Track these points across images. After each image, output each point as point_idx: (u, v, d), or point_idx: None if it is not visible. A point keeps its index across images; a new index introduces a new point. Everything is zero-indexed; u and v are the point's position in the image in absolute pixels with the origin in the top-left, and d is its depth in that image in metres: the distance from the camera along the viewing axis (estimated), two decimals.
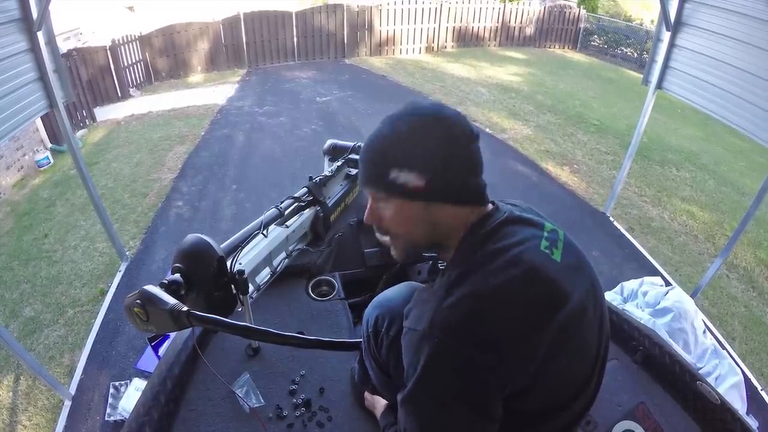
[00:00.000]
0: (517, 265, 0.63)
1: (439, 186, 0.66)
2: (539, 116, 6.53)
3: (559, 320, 0.63)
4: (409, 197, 0.67)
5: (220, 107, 6.95)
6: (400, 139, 0.67)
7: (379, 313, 0.90)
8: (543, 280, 0.63)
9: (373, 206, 0.72)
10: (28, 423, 2.29)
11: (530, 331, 0.61)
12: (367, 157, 0.70)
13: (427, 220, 0.68)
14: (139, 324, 0.83)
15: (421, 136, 0.66)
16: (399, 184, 0.66)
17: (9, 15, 2.14)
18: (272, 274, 1.29)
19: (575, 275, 0.68)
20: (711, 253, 3.65)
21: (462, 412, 0.61)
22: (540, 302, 0.63)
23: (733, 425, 0.99)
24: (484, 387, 0.60)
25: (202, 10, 8.79)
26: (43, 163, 5.33)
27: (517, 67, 9.16)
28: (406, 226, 0.69)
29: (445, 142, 0.66)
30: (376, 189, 0.69)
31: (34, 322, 2.94)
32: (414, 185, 0.65)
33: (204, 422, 1.02)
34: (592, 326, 0.69)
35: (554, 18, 10.90)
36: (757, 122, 2.29)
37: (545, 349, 0.61)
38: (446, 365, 0.60)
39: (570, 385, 0.68)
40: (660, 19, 2.99)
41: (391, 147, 0.67)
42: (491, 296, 0.61)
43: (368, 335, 0.93)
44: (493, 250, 0.65)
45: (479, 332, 0.59)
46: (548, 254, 0.66)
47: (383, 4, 9.66)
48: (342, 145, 1.78)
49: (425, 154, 0.66)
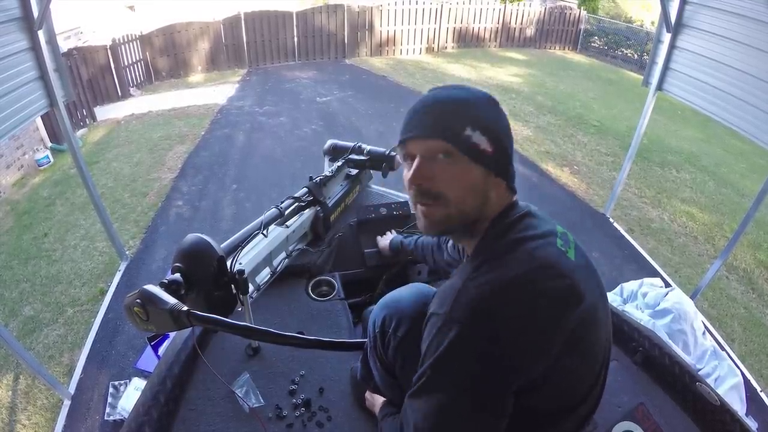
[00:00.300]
0: (538, 258, 0.63)
1: (500, 158, 0.67)
2: (539, 117, 6.54)
3: (575, 318, 0.62)
4: (476, 160, 0.65)
5: (221, 107, 6.95)
6: (477, 102, 0.68)
7: (386, 313, 0.89)
8: (561, 276, 0.63)
9: (425, 164, 0.67)
10: (28, 422, 2.29)
11: (549, 324, 0.61)
12: (442, 108, 0.67)
13: (483, 190, 0.67)
14: (138, 323, 0.83)
15: (489, 106, 0.69)
16: (473, 142, 0.65)
17: (10, 14, 2.14)
18: (272, 274, 1.29)
19: (587, 276, 0.68)
20: (711, 255, 3.65)
21: (474, 400, 0.61)
22: (559, 297, 0.62)
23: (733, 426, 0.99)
24: (500, 376, 0.60)
25: (202, 9, 8.80)
26: (43, 162, 5.34)
27: (517, 68, 9.16)
28: (463, 190, 0.66)
29: (505, 120, 0.70)
30: (447, 141, 0.65)
31: (33, 321, 2.94)
32: (484, 148, 0.65)
33: (204, 422, 1.02)
34: (601, 329, 0.69)
35: (555, 19, 10.91)
36: (757, 124, 2.30)
37: (560, 344, 0.61)
38: (465, 350, 0.60)
39: (578, 386, 0.68)
40: (660, 21, 2.99)
41: (468, 106, 0.67)
42: (513, 285, 0.61)
43: (374, 335, 0.91)
44: (515, 239, 0.65)
45: (500, 320, 0.59)
46: (564, 252, 0.66)
47: (384, 5, 9.67)
48: (342, 145, 1.78)
49: (496, 123, 0.68)
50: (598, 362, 0.70)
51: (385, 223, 1.67)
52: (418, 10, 9.89)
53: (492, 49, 10.76)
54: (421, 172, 0.67)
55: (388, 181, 1.83)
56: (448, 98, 0.68)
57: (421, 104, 0.70)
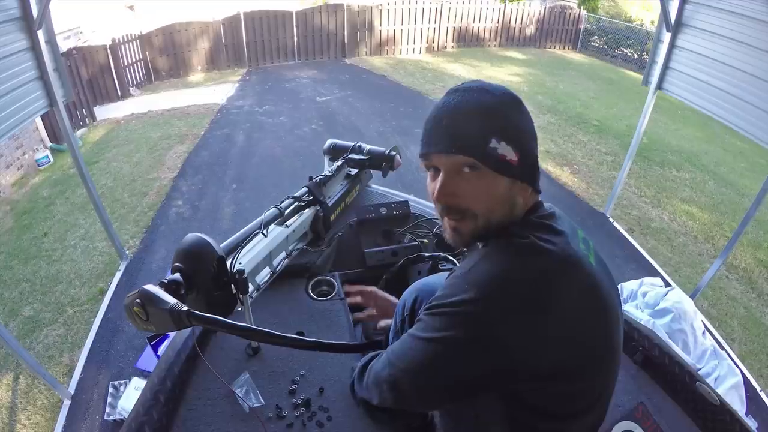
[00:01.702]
0: (564, 254, 0.61)
1: (526, 163, 0.65)
2: (539, 117, 6.54)
3: (592, 317, 0.62)
4: (501, 171, 0.63)
5: (221, 106, 6.95)
6: (500, 107, 0.64)
7: (417, 295, 0.90)
8: (585, 274, 0.62)
9: (450, 181, 0.64)
10: (27, 422, 2.29)
11: (564, 320, 0.59)
12: (465, 119, 0.63)
13: (510, 198, 0.65)
14: (138, 323, 0.83)
15: (512, 110, 0.65)
16: (498, 154, 0.62)
17: (9, 14, 2.14)
18: (272, 274, 1.29)
19: (607, 282, 0.66)
20: (711, 254, 3.65)
21: (450, 364, 0.60)
22: (581, 295, 0.61)
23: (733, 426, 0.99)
24: (489, 357, 0.58)
25: (202, 9, 8.79)
26: (43, 161, 5.33)
27: (517, 68, 9.16)
28: (491, 203, 0.64)
29: (529, 119, 0.66)
30: (473, 156, 0.62)
31: (33, 321, 2.94)
32: (510, 159, 0.62)
33: (204, 422, 1.02)
34: (615, 336, 0.67)
35: (555, 18, 10.91)
36: (757, 123, 2.30)
37: (573, 342, 0.59)
38: (471, 321, 0.58)
39: (581, 396, 0.66)
40: (660, 20, 2.99)
41: (492, 115, 0.64)
42: (537, 275, 0.59)
43: (404, 317, 0.91)
44: (541, 236, 0.63)
45: (515, 307, 0.57)
46: (587, 255, 0.65)
47: (383, 4, 9.66)
48: (342, 145, 1.77)
49: (520, 128, 0.65)
50: (610, 367, 0.68)
51: (385, 222, 1.67)
52: (418, 10, 9.89)
53: (492, 48, 10.76)
54: (447, 189, 0.65)
55: (388, 180, 1.83)
56: (470, 106, 0.64)
57: (442, 113, 0.66)
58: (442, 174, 0.65)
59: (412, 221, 1.70)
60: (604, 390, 0.68)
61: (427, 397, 0.68)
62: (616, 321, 0.67)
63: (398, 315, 0.95)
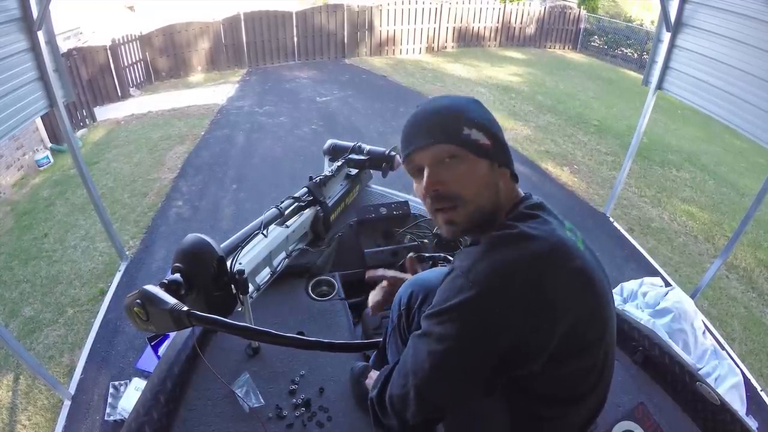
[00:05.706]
0: (554, 239, 0.65)
1: (499, 149, 0.73)
2: (539, 116, 6.54)
3: (585, 301, 0.65)
4: (480, 154, 0.71)
5: (221, 107, 6.95)
6: (465, 105, 0.75)
7: (413, 290, 0.92)
8: (575, 258, 0.65)
9: (435, 170, 0.71)
10: (28, 422, 2.29)
11: (560, 303, 0.62)
12: (437, 117, 0.73)
13: (493, 181, 0.72)
14: (139, 324, 0.83)
15: (476, 106, 0.76)
16: (473, 140, 0.71)
17: (9, 14, 2.14)
18: (272, 274, 1.29)
19: (597, 267, 0.69)
20: (711, 254, 3.65)
21: (462, 359, 0.63)
22: (574, 278, 0.64)
23: (733, 426, 0.99)
24: (496, 345, 0.62)
25: (202, 9, 8.79)
26: (43, 162, 5.33)
27: (517, 68, 9.16)
28: (476, 185, 0.71)
29: (491, 114, 0.77)
30: (451, 143, 0.70)
31: (33, 321, 2.94)
32: (483, 143, 0.71)
33: (204, 422, 1.02)
34: (608, 321, 0.70)
35: (555, 18, 10.90)
36: (757, 123, 2.30)
37: (568, 326, 0.62)
38: (475, 312, 0.62)
39: (585, 376, 0.69)
40: (660, 20, 2.99)
41: (459, 110, 0.73)
42: (532, 261, 0.63)
43: (400, 313, 0.94)
44: (531, 224, 0.67)
45: (514, 293, 0.61)
46: (575, 241, 0.69)
47: (383, 4, 9.66)
48: (342, 145, 1.78)
49: (488, 120, 0.75)
50: (603, 356, 0.70)
51: (385, 223, 1.67)
52: (418, 10, 9.88)
53: (492, 48, 10.76)
54: (434, 178, 0.71)
55: (388, 181, 1.83)
56: (438, 107, 0.75)
57: (415, 118, 0.76)
58: (426, 168, 0.72)
59: (412, 221, 1.70)
60: (604, 368, 0.71)
61: (456, 396, 0.70)
62: (610, 301, 0.71)
63: (395, 311, 0.97)
